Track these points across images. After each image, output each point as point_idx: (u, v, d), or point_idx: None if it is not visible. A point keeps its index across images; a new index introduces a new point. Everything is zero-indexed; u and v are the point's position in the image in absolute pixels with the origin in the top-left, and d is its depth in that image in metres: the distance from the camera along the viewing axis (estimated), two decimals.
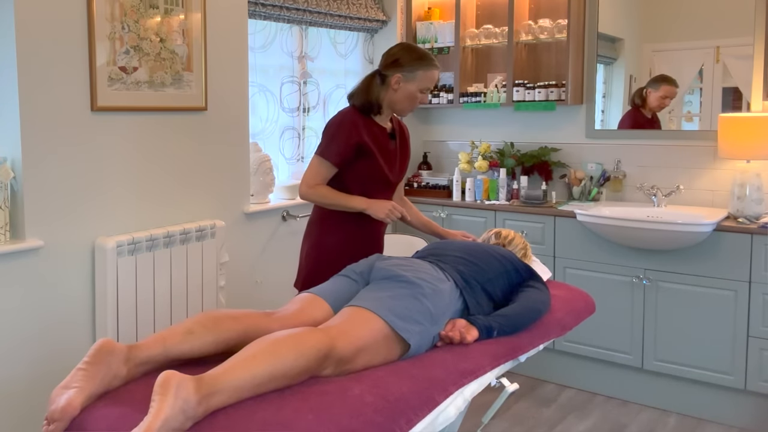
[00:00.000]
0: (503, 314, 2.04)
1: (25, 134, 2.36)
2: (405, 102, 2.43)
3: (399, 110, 2.48)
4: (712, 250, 3.08)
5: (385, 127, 2.49)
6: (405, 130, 2.62)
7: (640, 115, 3.65)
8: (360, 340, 1.72)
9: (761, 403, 3.06)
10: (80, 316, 2.57)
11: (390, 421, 1.53)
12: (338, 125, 2.41)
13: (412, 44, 2.48)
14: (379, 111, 2.45)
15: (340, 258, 2.41)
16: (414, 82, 2.39)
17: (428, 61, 2.39)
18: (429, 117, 4.43)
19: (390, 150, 2.49)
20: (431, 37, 4.15)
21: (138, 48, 2.66)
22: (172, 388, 1.39)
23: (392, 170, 2.51)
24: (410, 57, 2.39)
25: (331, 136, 2.41)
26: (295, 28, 3.72)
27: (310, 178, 2.41)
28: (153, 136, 2.77)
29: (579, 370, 3.54)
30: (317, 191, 2.40)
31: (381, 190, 2.49)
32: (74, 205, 2.52)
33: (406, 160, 2.61)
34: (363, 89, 2.45)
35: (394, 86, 2.40)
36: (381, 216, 2.37)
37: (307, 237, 2.57)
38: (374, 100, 2.42)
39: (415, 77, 2.38)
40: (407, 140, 2.61)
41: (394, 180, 2.53)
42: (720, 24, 3.40)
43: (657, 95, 3.57)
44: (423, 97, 2.44)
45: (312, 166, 2.43)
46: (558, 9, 3.75)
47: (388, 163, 2.48)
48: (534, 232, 3.57)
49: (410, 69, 2.38)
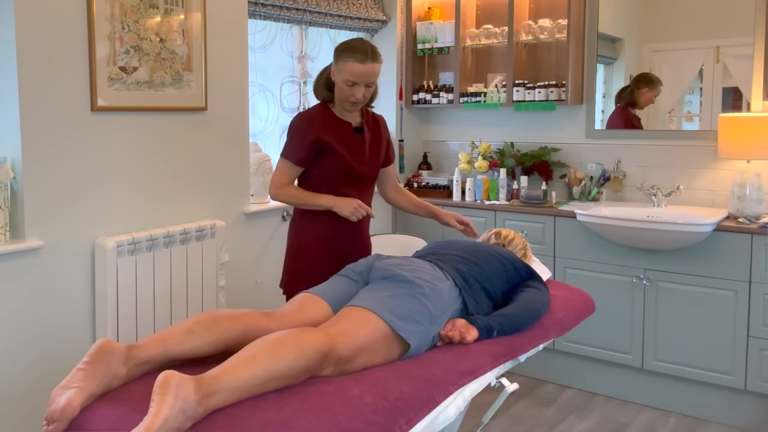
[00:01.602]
0: (503, 314, 2.04)
1: (25, 134, 2.36)
2: (339, 93, 2.40)
3: (340, 102, 2.42)
4: (712, 250, 3.08)
5: (350, 122, 2.46)
6: (380, 122, 2.59)
7: (629, 114, 3.66)
8: (359, 340, 1.72)
9: (761, 403, 3.06)
10: (80, 316, 2.57)
11: (390, 420, 1.53)
12: (294, 126, 2.44)
13: (360, 38, 2.42)
14: (332, 100, 2.45)
15: (320, 256, 2.45)
16: (338, 74, 2.35)
17: (350, 53, 2.31)
18: (429, 117, 4.43)
19: (356, 143, 2.46)
20: (431, 37, 4.15)
21: (138, 48, 2.66)
22: (172, 388, 1.39)
23: (361, 163, 2.46)
24: (341, 47, 2.36)
25: (290, 137, 2.44)
26: (295, 28, 3.72)
27: (278, 179, 2.44)
28: (153, 136, 2.78)
29: (579, 370, 3.54)
30: (285, 191, 2.43)
31: (351, 183, 2.47)
32: (74, 205, 2.52)
33: (380, 150, 2.56)
34: (316, 78, 2.49)
35: (332, 76, 2.40)
36: (346, 214, 2.35)
37: (288, 237, 2.58)
38: (321, 88, 2.45)
39: (338, 69, 2.34)
40: (381, 132, 2.57)
41: (365, 173, 2.49)
42: (720, 24, 3.40)
43: (650, 95, 3.60)
44: (353, 90, 2.33)
45: (278, 168, 2.46)
46: (558, 9, 3.75)
47: (355, 157, 2.44)
48: (534, 232, 3.57)
49: (336, 60, 2.36)
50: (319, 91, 2.48)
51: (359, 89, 2.34)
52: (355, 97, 2.36)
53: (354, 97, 2.36)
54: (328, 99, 2.47)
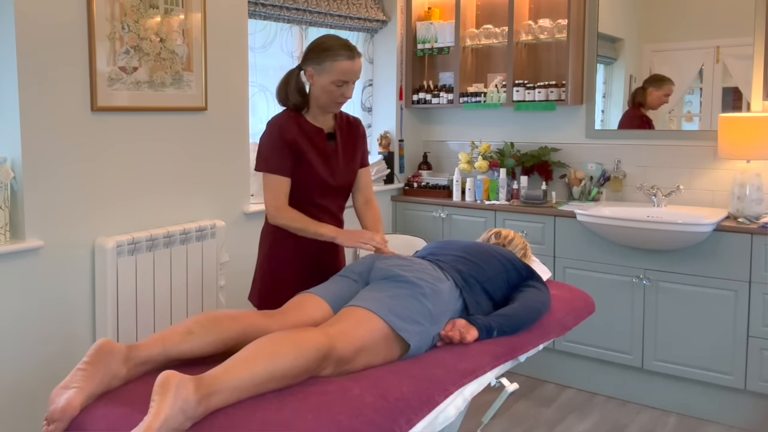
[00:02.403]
0: (503, 314, 2.04)
1: (25, 134, 2.36)
2: (323, 96, 2.26)
3: (321, 105, 2.29)
4: (712, 250, 3.08)
5: (321, 128, 2.33)
6: (354, 125, 2.44)
7: (639, 115, 3.65)
8: (359, 340, 1.72)
9: (761, 403, 3.06)
10: (80, 316, 2.57)
11: (390, 421, 1.53)
12: (268, 134, 2.29)
13: (332, 35, 2.29)
14: (306, 106, 2.31)
15: (294, 269, 2.33)
16: (323, 75, 2.22)
17: (335, 52, 2.21)
18: (429, 117, 4.43)
19: (327, 152, 2.32)
20: (431, 37, 4.15)
21: (138, 48, 2.66)
22: (172, 388, 1.40)
23: (333, 173, 2.33)
24: (321, 47, 2.23)
25: (267, 148, 2.28)
26: (295, 28, 3.72)
27: (272, 199, 2.26)
28: (153, 136, 2.77)
29: (579, 370, 3.54)
30: (287, 214, 2.26)
31: (326, 194, 2.35)
32: (74, 205, 2.52)
33: (356, 156, 2.42)
34: (282, 84, 2.33)
35: (309, 80, 2.27)
36: (350, 245, 2.23)
37: (260, 247, 2.44)
38: (292, 94, 2.30)
39: (324, 70, 2.21)
40: (357, 137, 2.43)
41: (336, 184, 2.35)
42: (720, 24, 3.40)
43: (659, 94, 3.58)
44: (343, 90, 2.24)
45: (267, 187, 2.27)
46: (558, 9, 3.75)
47: (326, 166, 2.31)
48: (534, 232, 3.57)
49: (319, 61, 2.22)
50: (291, 98, 2.32)
51: (349, 87, 2.25)
52: (345, 96, 2.26)
53: (343, 97, 2.26)
54: (301, 105, 2.32)
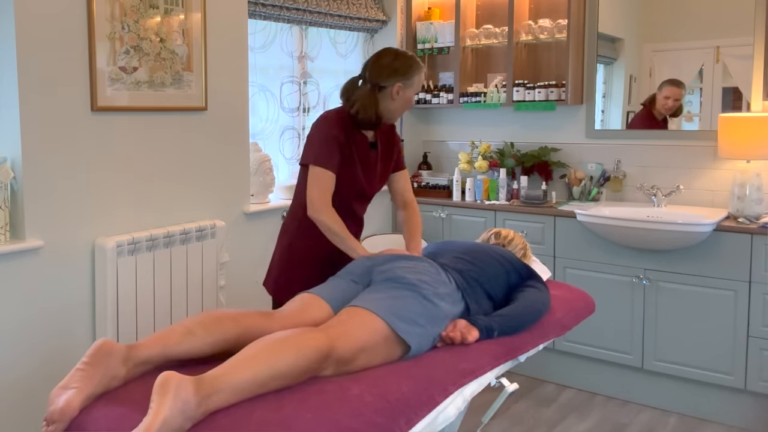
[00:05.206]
0: (503, 314, 2.04)
1: (25, 134, 2.36)
2: (402, 109, 2.37)
3: (394, 118, 2.40)
4: (712, 250, 3.08)
5: (367, 136, 2.39)
6: (390, 133, 2.50)
7: (649, 115, 3.64)
8: (360, 341, 1.72)
9: (761, 403, 3.06)
10: (80, 316, 2.57)
11: (390, 421, 1.53)
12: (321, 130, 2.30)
13: (398, 49, 2.40)
14: (379, 123, 2.36)
15: (312, 262, 2.36)
16: (412, 88, 2.34)
17: (418, 65, 2.34)
18: (429, 117, 4.43)
19: (369, 160, 2.39)
20: (431, 37, 4.14)
21: (138, 48, 2.66)
22: (172, 389, 1.39)
23: (371, 182, 2.40)
24: (406, 64, 2.32)
25: (318, 142, 2.28)
26: (295, 28, 3.72)
27: (319, 195, 2.22)
28: (153, 136, 2.77)
29: (579, 370, 3.54)
30: (331, 214, 2.23)
31: (357, 200, 2.40)
32: (74, 205, 2.52)
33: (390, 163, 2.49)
34: (367, 104, 2.30)
35: (394, 96, 2.31)
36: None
37: (282, 235, 2.47)
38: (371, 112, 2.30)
39: (413, 83, 2.34)
40: (393, 144, 2.50)
41: (371, 192, 2.43)
42: (720, 24, 3.40)
43: (660, 96, 3.58)
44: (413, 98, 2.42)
45: (314, 181, 2.24)
46: (558, 9, 3.75)
47: (365, 174, 2.37)
48: (534, 232, 3.57)
49: (409, 75, 2.32)
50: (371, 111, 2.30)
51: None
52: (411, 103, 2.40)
53: (411, 103, 2.40)
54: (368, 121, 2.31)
